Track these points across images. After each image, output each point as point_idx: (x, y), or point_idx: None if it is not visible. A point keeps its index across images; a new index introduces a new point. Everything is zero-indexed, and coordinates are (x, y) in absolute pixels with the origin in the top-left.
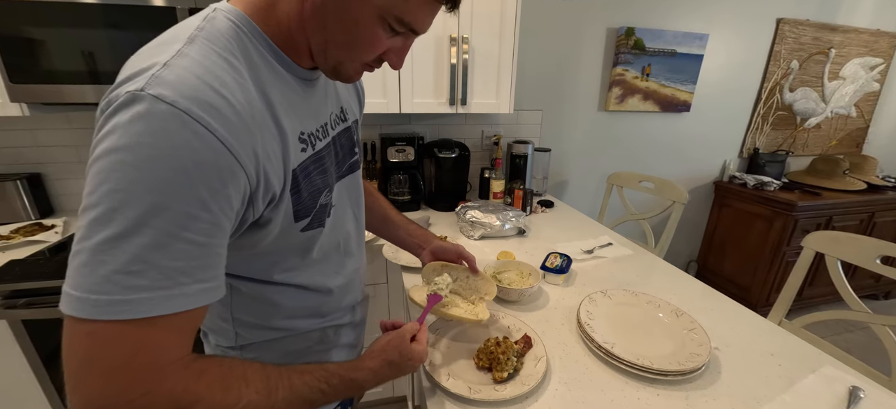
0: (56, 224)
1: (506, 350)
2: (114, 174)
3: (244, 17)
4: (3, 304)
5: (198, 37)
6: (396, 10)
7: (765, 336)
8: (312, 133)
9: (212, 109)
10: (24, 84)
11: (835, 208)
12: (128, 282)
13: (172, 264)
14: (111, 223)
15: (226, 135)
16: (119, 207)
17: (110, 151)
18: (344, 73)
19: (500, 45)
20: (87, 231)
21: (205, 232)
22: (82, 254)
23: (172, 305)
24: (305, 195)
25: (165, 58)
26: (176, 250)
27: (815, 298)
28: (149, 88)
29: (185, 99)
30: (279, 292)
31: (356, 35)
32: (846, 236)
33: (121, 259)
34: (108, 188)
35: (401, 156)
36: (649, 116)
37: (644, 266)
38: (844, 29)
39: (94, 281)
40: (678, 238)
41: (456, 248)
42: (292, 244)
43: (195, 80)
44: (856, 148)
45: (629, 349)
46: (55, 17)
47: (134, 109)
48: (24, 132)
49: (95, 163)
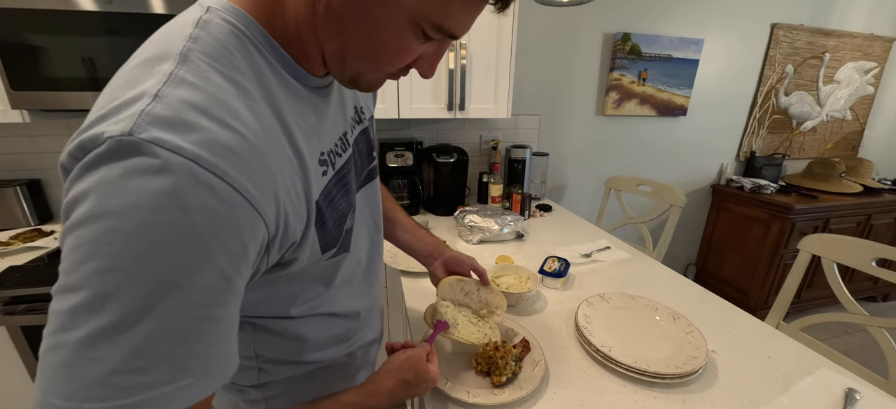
0: (55, 230)
1: (504, 355)
2: (104, 248)
3: (247, 19)
4: (2, 310)
5: (192, 51)
6: (434, 16)
7: (762, 339)
8: (331, 150)
9: (227, 151)
10: (25, 91)
11: (831, 211)
12: (129, 382)
13: (183, 350)
14: (103, 311)
15: (245, 184)
16: (114, 291)
17: (96, 216)
18: (364, 83)
19: (498, 50)
20: (69, 320)
21: (221, 303)
22: (63, 350)
23: (185, 398)
24: (331, 225)
25: (154, 85)
26: (188, 333)
27: (813, 300)
28: (139, 130)
29: (193, 144)
30: (305, 325)
31: (381, 43)
32: (842, 239)
33: (119, 355)
34: (97, 266)
35: (399, 161)
36: (646, 120)
37: (642, 270)
38: (838, 33)
39: (83, 385)
40: (676, 242)
41: (469, 261)
42: (316, 274)
43: (198, 115)
44: (851, 151)
45: (627, 352)
46: (56, 24)
47: (125, 162)
48: (24, 139)
49: (75, 231)
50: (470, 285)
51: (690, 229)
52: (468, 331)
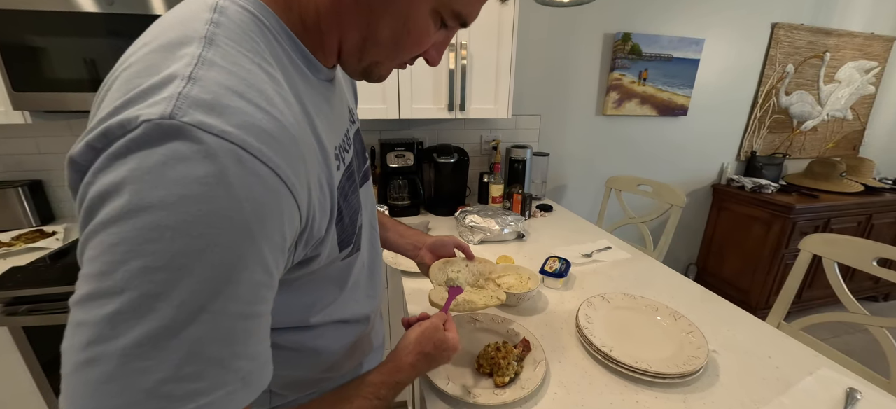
0: (57, 231)
1: (506, 355)
2: (149, 245)
3: (264, 8)
4: (4, 311)
5: (217, 35)
6: (455, 4)
7: (763, 339)
8: (341, 145)
9: (268, 137)
10: (27, 92)
11: (832, 211)
12: (182, 390)
13: (232, 350)
14: (151, 314)
15: (287, 171)
16: (163, 291)
17: (135, 210)
18: (376, 73)
19: (499, 50)
20: (109, 329)
21: (265, 299)
22: (104, 363)
23: (236, 402)
24: (347, 221)
25: (185, 67)
26: (238, 332)
27: (814, 300)
28: (181, 113)
29: (237, 127)
30: (320, 336)
31: (406, 31)
32: (842, 239)
33: (172, 362)
34: (142, 265)
35: (400, 161)
36: (647, 120)
37: (643, 270)
38: (839, 33)
39: (130, 401)
40: (677, 242)
41: (451, 239)
42: (331, 276)
43: (238, 99)
44: (852, 150)
45: (628, 352)
46: (58, 25)
47: (165, 148)
48: (25, 140)
49: (107, 228)
50: (457, 263)
51: (691, 228)
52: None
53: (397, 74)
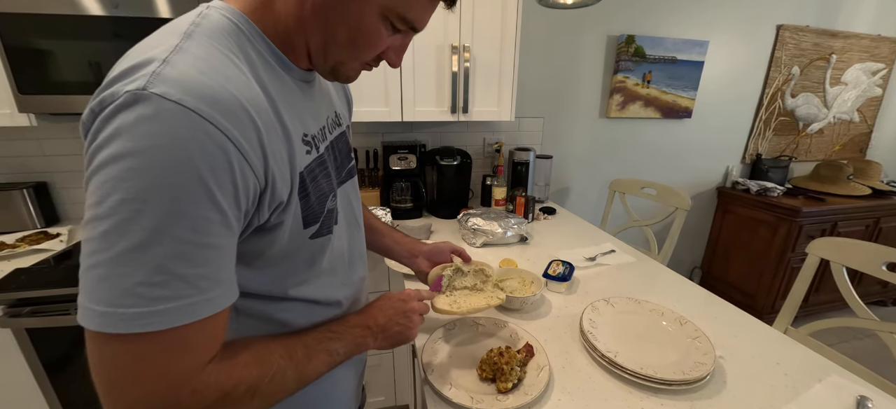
0: (61, 233)
1: (509, 360)
2: (124, 183)
3: (241, 15)
4: (7, 312)
5: (195, 32)
6: (399, 8)
7: (770, 345)
8: (314, 136)
9: (220, 105)
10: (33, 95)
11: (839, 214)
12: (153, 294)
13: (194, 271)
14: (127, 234)
15: (236, 134)
16: (134, 216)
17: (117, 157)
18: (343, 73)
19: (501, 53)
20: (102, 243)
21: (221, 235)
22: (100, 267)
23: (199, 311)
24: (314, 200)
25: (163, 53)
26: (196, 256)
27: (821, 304)
28: (152, 86)
29: (192, 96)
30: (289, 310)
31: (358, 34)
32: (851, 243)
33: (143, 271)
34: (120, 198)
35: (403, 164)
36: (651, 122)
37: (647, 274)
38: (845, 35)
39: (117, 294)
40: (682, 244)
41: (448, 245)
42: (300, 253)
43: (200, 75)
44: (859, 153)
45: (633, 358)
46: (63, 29)
47: (138, 110)
48: (30, 142)
49: (100, 170)
50: (453, 268)
51: (696, 231)
52: (473, 301)
53: (400, 77)
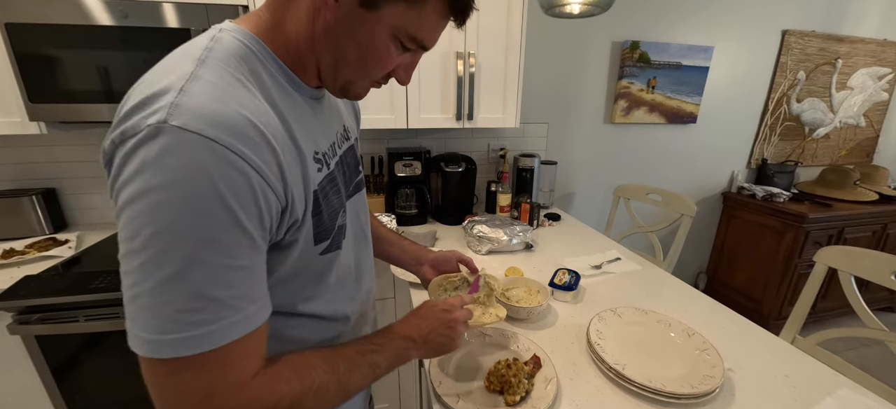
0: (69, 239)
1: (517, 373)
2: (154, 217)
3: (253, 37)
4: (17, 319)
5: (208, 58)
6: (410, 29)
7: (779, 356)
8: (325, 152)
9: (237, 132)
10: (43, 103)
11: (847, 220)
12: (193, 318)
13: (229, 293)
14: (163, 265)
15: (255, 158)
16: (167, 247)
17: (146, 191)
18: (353, 91)
19: (506, 60)
20: (141, 275)
21: (250, 255)
22: (142, 298)
23: (238, 330)
24: (325, 216)
25: (179, 82)
26: (229, 278)
27: (829, 311)
28: (172, 118)
29: (211, 125)
30: (298, 326)
31: (368, 54)
32: (860, 252)
33: (181, 298)
34: (152, 231)
35: (408, 170)
36: (656, 127)
37: (653, 282)
38: (851, 39)
39: (160, 321)
40: (687, 249)
41: (454, 254)
42: (310, 270)
43: (216, 103)
44: (866, 158)
45: (641, 370)
46: (74, 39)
47: (160, 143)
48: (39, 149)
49: (130, 205)
50: (459, 277)
51: (701, 236)
52: (482, 317)
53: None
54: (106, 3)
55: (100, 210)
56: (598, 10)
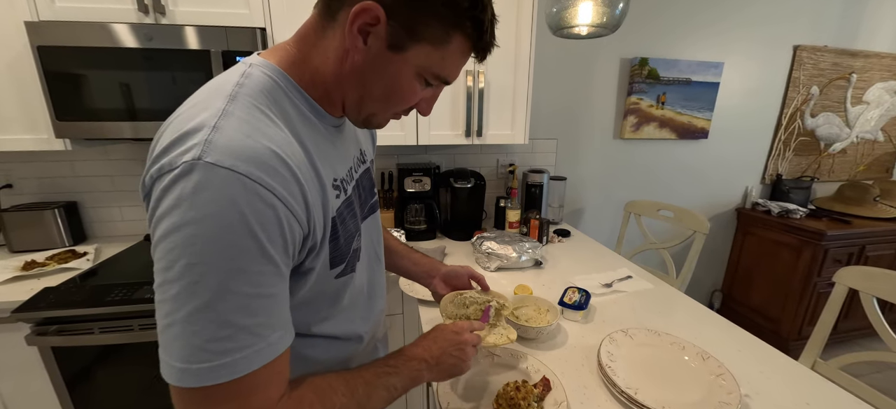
0: (88, 252)
1: (526, 396)
2: (189, 249)
3: (280, 72)
4: (35, 330)
5: (239, 94)
6: (434, 68)
7: (799, 382)
8: (343, 178)
9: (266, 166)
10: (70, 121)
11: (867, 237)
12: (221, 347)
13: (255, 321)
14: (195, 295)
15: (282, 191)
16: (200, 279)
17: (180, 225)
18: (374, 122)
19: (515, 77)
20: (175, 304)
21: (275, 283)
22: (175, 326)
23: (264, 357)
24: (342, 242)
25: (212, 118)
26: (256, 307)
27: (850, 331)
28: (206, 155)
29: (242, 161)
30: (312, 346)
31: (394, 91)
32: (880, 272)
33: (211, 328)
34: (186, 263)
35: (417, 186)
36: (666, 143)
37: (665, 301)
38: (865, 54)
39: (190, 351)
40: (701, 266)
41: (466, 270)
42: (325, 293)
43: (246, 139)
44: (885, 173)
45: (654, 395)
46: (101, 60)
47: (195, 179)
48: (63, 164)
49: (167, 238)
50: (470, 295)
51: (715, 253)
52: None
53: None
54: (132, 27)
55: (117, 223)
56: (606, 31)
